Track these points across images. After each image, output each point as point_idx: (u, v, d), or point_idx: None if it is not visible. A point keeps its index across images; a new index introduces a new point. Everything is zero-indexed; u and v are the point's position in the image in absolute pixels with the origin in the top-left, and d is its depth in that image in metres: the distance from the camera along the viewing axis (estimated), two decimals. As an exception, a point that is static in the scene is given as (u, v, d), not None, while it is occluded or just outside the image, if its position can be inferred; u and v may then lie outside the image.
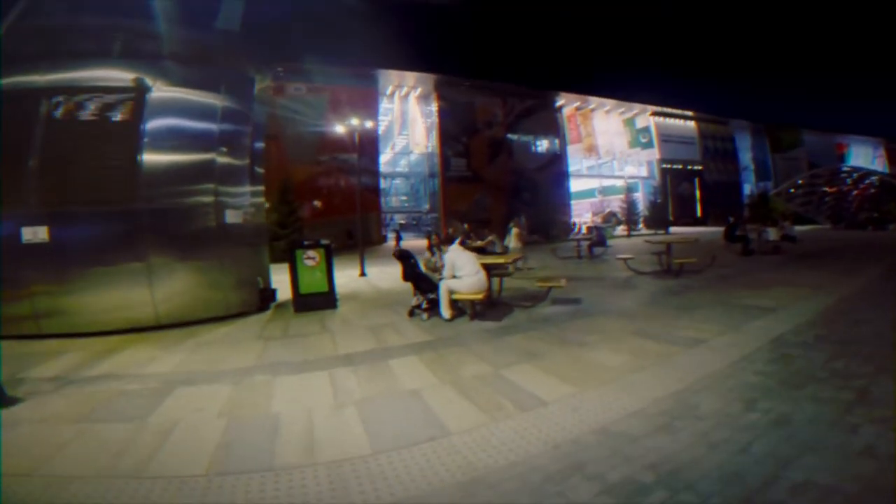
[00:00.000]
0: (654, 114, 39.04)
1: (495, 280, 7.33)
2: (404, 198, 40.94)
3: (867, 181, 33.13)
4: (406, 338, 5.45)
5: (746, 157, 44.57)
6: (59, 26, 7.71)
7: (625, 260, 9.96)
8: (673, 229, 32.46)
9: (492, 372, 4.03)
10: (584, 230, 24.33)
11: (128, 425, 3.31)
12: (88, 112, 7.34)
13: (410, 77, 32.75)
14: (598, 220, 35.69)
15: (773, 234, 13.63)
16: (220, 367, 4.71)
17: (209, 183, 7.74)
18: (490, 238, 12.10)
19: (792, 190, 34.13)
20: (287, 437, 3.00)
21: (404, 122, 37.72)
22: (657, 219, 30.94)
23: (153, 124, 7.35)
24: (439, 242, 7.77)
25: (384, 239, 32.21)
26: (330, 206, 30.05)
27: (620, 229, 30.82)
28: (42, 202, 6.90)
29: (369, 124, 26.71)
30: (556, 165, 36.71)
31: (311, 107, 30.16)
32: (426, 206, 36.40)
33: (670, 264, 9.32)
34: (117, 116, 7.39)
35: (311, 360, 4.75)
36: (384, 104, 35.48)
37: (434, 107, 33.73)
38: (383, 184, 39.79)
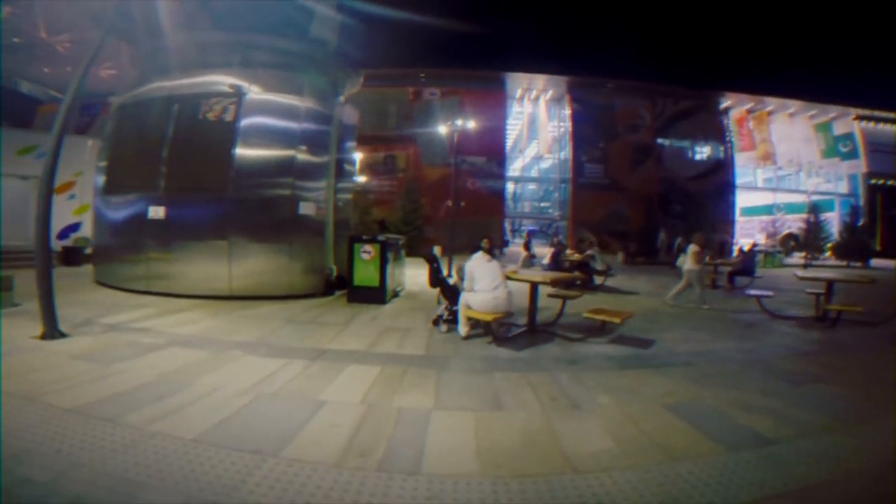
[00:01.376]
0: (860, 117, 30.43)
1: (558, 301, 6.18)
2: (538, 204, 39.65)
3: None
4: (401, 346, 5.16)
5: None
6: (177, 42, 9.07)
7: (758, 298, 7.48)
8: (878, 262, 24.91)
9: (426, 408, 3.43)
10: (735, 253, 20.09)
11: (110, 367, 4.09)
12: (199, 114, 8.60)
13: (540, 79, 31.50)
14: (774, 242, 29.41)
15: None
16: (225, 337, 5.25)
17: (288, 177, 8.40)
18: (590, 252, 10.56)
19: None
20: (179, 403, 3.40)
21: (534, 126, 36.60)
22: (853, 246, 23.89)
23: (245, 124, 8.50)
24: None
25: (506, 244, 31.53)
26: (457, 208, 30.68)
27: (798, 256, 24.74)
28: (164, 187, 8.22)
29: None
30: (718, 175, 31.39)
31: (444, 111, 31.19)
32: (556, 213, 34.59)
33: (826, 310, 6.74)
34: (220, 117, 8.49)
35: (291, 348, 4.89)
36: (516, 108, 34.94)
37: (567, 110, 31.79)
38: (512, 188, 39.26)
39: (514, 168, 41.39)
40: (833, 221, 27.48)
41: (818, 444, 2.77)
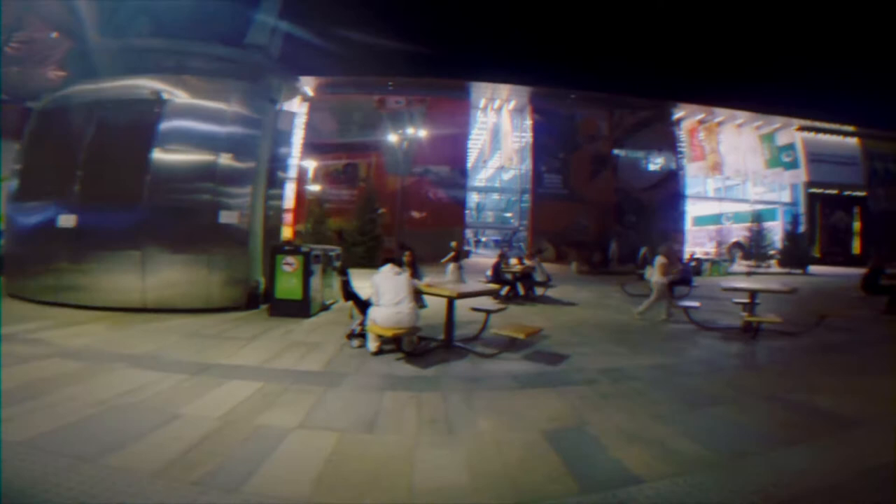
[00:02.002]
0: (802, 128, 32.20)
1: (481, 316, 6.10)
2: (501, 214, 39.96)
3: None
4: (299, 362, 4.93)
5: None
6: (104, 46, 8.73)
7: (685, 309, 7.56)
8: (816, 268, 26.23)
9: (286, 427, 3.26)
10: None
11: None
12: (119, 119, 8.19)
13: (504, 89, 31.99)
14: (723, 251, 30.57)
15: None
16: (116, 349, 5.04)
17: (208, 183, 8.13)
18: (531, 263, 10.56)
19: None
20: (22, 410, 3.33)
21: (497, 136, 37.11)
22: (794, 254, 25.07)
23: (165, 129, 8.19)
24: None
25: (467, 254, 31.58)
26: (420, 217, 30.65)
27: (744, 264, 25.75)
28: (78, 194, 7.89)
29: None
30: (670, 185, 32.50)
31: (410, 119, 31.16)
32: (516, 224, 34.99)
33: (748, 322, 6.85)
34: (139, 122, 8.16)
35: (179, 362, 4.72)
36: (480, 118, 35.33)
37: (528, 121, 32.41)
38: (477, 199, 39.53)
39: (480, 178, 41.81)
40: (777, 230, 28.81)
41: (684, 483, 2.54)
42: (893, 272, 10.09)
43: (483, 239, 44.62)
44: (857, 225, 31.32)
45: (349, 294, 6.14)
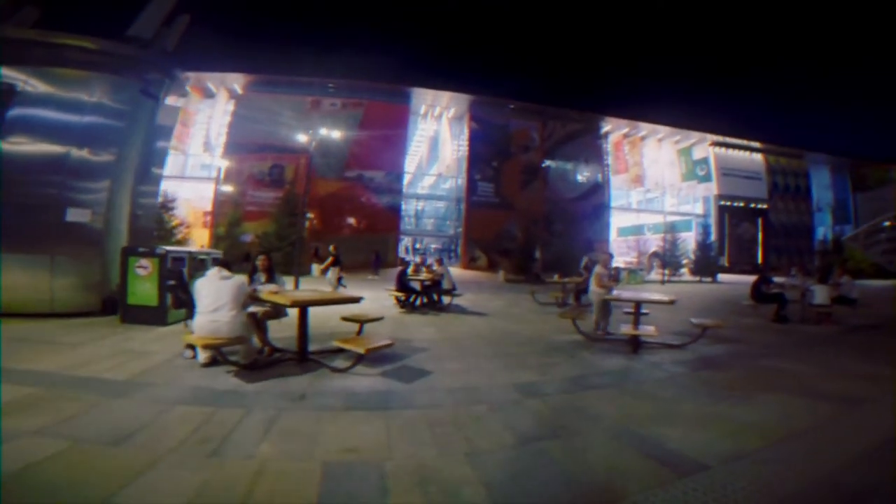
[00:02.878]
0: (715, 143, 34.79)
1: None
2: (435, 221, 39.60)
3: None
4: (110, 370, 4.38)
5: (825, 196, 38.07)
6: None
7: (573, 319, 6.96)
8: (726, 277, 28.14)
9: None
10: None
11: None
12: None
13: (444, 97, 31.91)
14: (642, 260, 32.05)
15: (820, 293, 9.41)
16: None
17: (56, 177, 7.36)
18: (439, 271, 10.14)
19: (873, 234, 28.01)
20: None
21: (436, 144, 36.98)
22: (704, 263, 26.77)
23: (10, 121, 7.37)
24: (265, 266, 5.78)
25: (402, 262, 30.94)
26: (351, 223, 29.66)
27: (655, 274, 27.08)
28: None
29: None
30: (596, 196, 33.82)
31: (345, 123, 30.16)
32: (451, 232, 34.86)
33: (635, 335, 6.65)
34: None
35: None
36: (420, 125, 34.99)
37: (465, 128, 32.52)
38: (414, 206, 39.00)
39: (423, 186, 41.17)
40: (691, 240, 30.73)
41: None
42: (779, 281, 10.64)
43: (419, 246, 44.07)
44: (760, 235, 34.19)
45: (180, 301, 5.40)
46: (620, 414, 3.68)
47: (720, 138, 34.78)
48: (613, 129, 34.68)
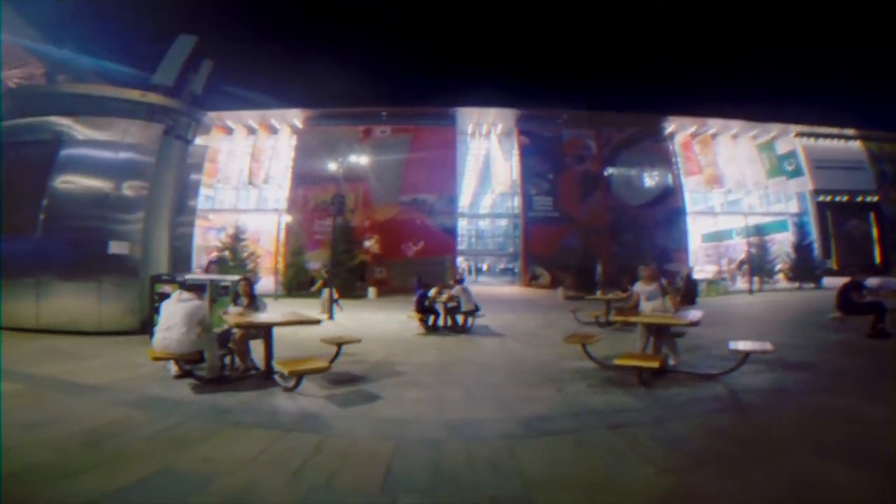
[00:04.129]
0: (800, 134, 30.50)
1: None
2: (496, 240, 38.93)
3: None
4: (92, 377, 5.05)
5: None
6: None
7: (582, 345, 5.56)
8: (833, 281, 24.11)
9: None
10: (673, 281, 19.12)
11: None
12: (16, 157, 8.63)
13: (490, 114, 31.66)
14: (733, 268, 28.66)
15: None
16: None
17: (99, 212, 8.48)
18: (451, 293, 9.55)
19: None
20: None
21: (487, 161, 36.61)
22: (804, 268, 23.09)
23: (59, 165, 8.62)
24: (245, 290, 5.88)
25: (461, 281, 30.53)
26: (408, 247, 30.02)
27: (742, 283, 23.87)
28: None
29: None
30: (668, 202, 31.08)
31: (395, 148, 31.08)
32: (510, 249, 33.94)
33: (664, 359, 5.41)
34: (35, 160, 8.62)
35: None
36: (471, 143, 34.95)
37: (515, 143, 31.86)
38: (472, 225, 38.68)
39: (485, 205, 40.78)
40: (786, 243, 26.88)
41: None
42: (875, 284, 8.58)
43: (485, 267, 43.39)
44: (875, 231, 28.98)
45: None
46: (545, 465, 2.88)
47: (805, 128, 30.50)
48: (678, 129, 31.87)
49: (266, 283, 23.14)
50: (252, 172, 32.43)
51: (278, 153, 32.35)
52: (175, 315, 4.73)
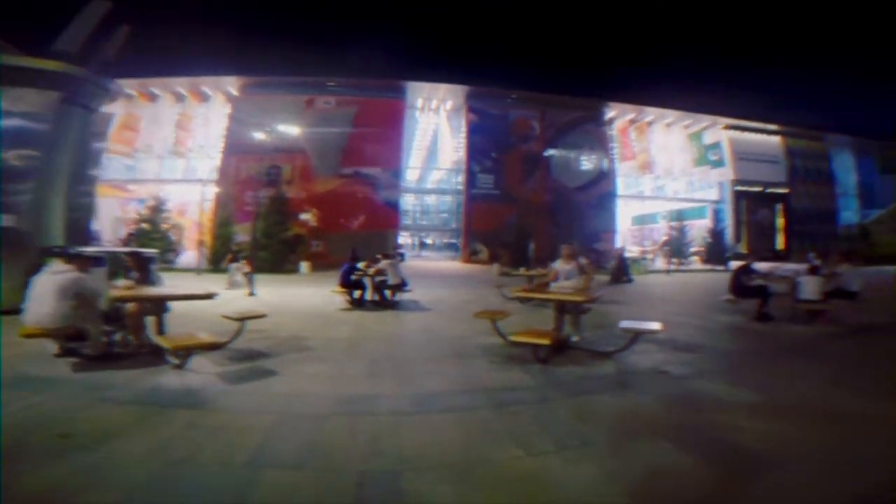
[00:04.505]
0: (729, 127, 32.83)
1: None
2: (441, 216, 38.93)
3: None
4: None
5: (849, 179, 35.66)
6: None
7: (492, 320, 5.66)
8: (736, 264, 26.48)
9: None
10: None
11: None
12: None
13: (441, 89, 31.14)
14: (657, 249, 30.63)
15: (810, 286, 7.88)
16: None
17: None
18: (378, 267, 9.49)
19: None
20: None
21: (436, 137, 36.28)
22: (715, 251, 25.24)
23: None
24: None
25: (402, 256, 30.46)
26: (349, 220, 29.32)
27: (662, 263, 25.65)
28: None
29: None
30: (601, 185, 32.41)
31: (339, 120, 30.03)
32: (453, 225, 34.14)
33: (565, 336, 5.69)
34: None
35: None
36: (419, 118, 34.36)
37: (464, 120, 31.67)
38: (417, 201, 38.40)
39: (432, 181, 40.39)
40: (704, 228, 29.10)
41: None
42: (764, 269, 9.46)
43: (430, 241, 43.36)
44: (780, 221, 32.11)
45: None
46: (423, 443, 2.99)
47: (734, 121, 32.80)
48: (618, 116, 33.13)
49: (190, 256, 21.86)
50: (178, 141, 30.26)
51: (210, 122, 30.23)
52: (46, 289, 4.38)
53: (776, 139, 33.69)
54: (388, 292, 9.38)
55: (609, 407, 3.78)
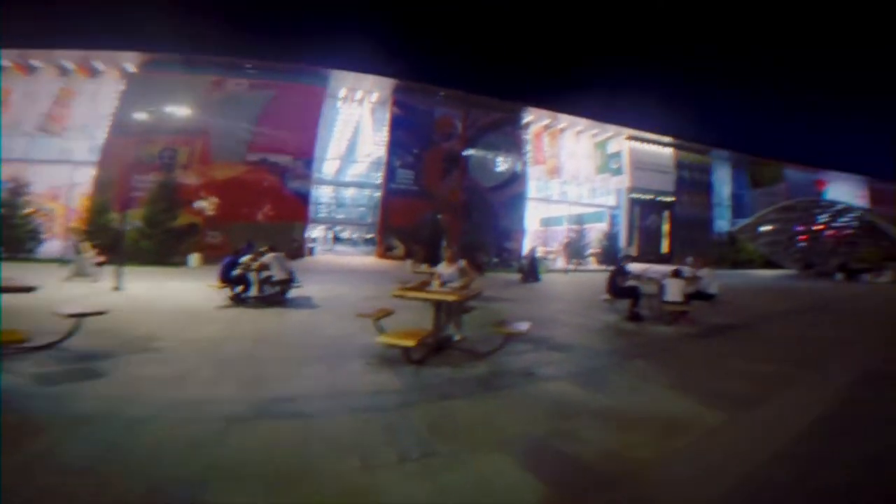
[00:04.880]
0: (631, 138, 35.87)
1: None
2: (358, 210, 37.89)
3: (844, 219, 28.69)
4: None
5: (724, 190, 40.65)
6: None
7: (374, 319, 5.61)
8: (633, 266, 29.05)
9: None
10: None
11: None
12: None
13: (367, 80, 30.27)
14: (560, 249, 32.47)
15: (672, 288, 8.38)
16: None
17: None
18: (263, 261, 8.90)
19: (760, 227, 29.95)
20: None
21: (357, 129, 35.31)
22: (608, 253, 27.51)
23: None
24: None
25: (310, 252, 29.20)
26: (252, 210, 27.40)
27: (562, 263, 27.35)
28: None
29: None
30: (514, 187, 33.66)
31: (251, 104, 28.06)
32: (370, 220, 33.45)
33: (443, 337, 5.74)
34: None
35: None
36: (342, 109, 33.17)
37: (388, 113, 31.11)
38: (333, 193, 37.03)
39: (355, 174, 38.89)
40: (602, 231, 31.55)
41: None
42: (636, 271, 10.31)
43: (346, 235, 42.03)
44: (666, 227, 35.82)
45: None
46: (248, 452, 2.75)
47: (636, 132, 35.87)
48: (535, 120, 34.64)
49: (56, 245, 19.08)
50: (54, 118, 26.36)
51: (97, 98, 26.79)
52: None
53: (669, 151, 37.45)
54: (269, 288, 8.79)
55: (465, 413, 3.71)
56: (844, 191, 45.30)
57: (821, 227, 28.82)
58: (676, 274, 8.82)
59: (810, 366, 5.80)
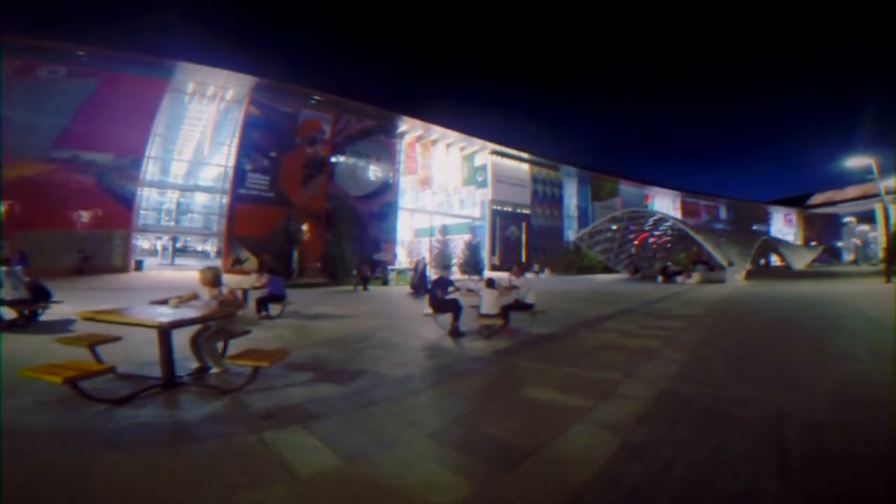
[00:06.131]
0: (494, 152, 37.79)
1: None
2: (206, 217, 33.65)
3: (662, 227, 33.33)
4: None
5: (572, 203, 45.23)
6: None
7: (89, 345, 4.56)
8: (495, 274, 30.27)
9: None
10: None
11: None
12: None
13: (221, 75, 26.97)
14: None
15: (488, 300, 7.69)
16: None
17: None
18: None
19: (595, 235, 33.55)
20: None
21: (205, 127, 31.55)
22: (471, 262, 28.38)
23: None
24: None
25: (137, 266, 24.97)
26: (56, 217, 22.51)
27: (429, 273, 27.42)
28: None
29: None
30: (385, 196, 32.92)
31: (67, 94, 23.22)
32: (214, 228, 29.86)
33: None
34: None
35: None
36: (191, 105, 29.24)
37: (242, 112, 28.12)
38: (171, 198, 32.43)
39: (206, 177, 34.24)
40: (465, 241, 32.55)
41: None
42: (459, 284, 10.05)
43: (180, 245, 37.05)
44: (524, 237, 38.43)
45: None
46: None
47: (498, 147, 37.82)
48: (409, 130, 34.37)
49: None
50: None
51: None
52: None
53: (525, 166, 40.44)
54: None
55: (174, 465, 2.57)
56: (665, 203, 53.82)
57: (644, 235, 33.41)
58: (489, 284, 8.05)
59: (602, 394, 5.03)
